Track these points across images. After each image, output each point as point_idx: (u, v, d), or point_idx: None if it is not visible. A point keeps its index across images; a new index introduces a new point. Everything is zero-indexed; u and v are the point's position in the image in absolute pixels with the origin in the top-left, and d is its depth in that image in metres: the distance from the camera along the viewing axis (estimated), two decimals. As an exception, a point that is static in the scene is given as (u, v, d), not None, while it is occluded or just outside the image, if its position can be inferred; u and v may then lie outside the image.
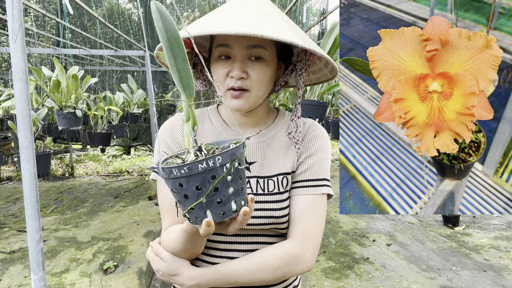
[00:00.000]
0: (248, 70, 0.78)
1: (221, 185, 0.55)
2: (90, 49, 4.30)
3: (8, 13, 1.52)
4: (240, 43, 0.77)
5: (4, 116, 4.69)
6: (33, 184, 1.62)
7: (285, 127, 0.93)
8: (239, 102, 0.80)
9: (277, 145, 0.90)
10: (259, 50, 0.78)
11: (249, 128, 0.91)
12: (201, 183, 0.54)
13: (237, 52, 0.78)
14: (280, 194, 0.86)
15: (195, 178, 0.53)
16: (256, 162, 0.88)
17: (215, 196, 0.55)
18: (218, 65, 0.80)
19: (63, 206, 5.07)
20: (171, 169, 0.53)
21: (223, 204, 0.57)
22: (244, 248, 0.86)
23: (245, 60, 0.78)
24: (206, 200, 0.55)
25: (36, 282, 1.69)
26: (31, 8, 2.77)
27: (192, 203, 0.56)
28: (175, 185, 0.55)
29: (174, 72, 0.56)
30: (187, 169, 0.53)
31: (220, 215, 0.57)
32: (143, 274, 3.15)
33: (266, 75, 0.80)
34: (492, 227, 4.20)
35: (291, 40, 0.68)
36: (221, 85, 0.81)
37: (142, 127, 8.20)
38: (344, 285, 2.98)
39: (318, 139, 0.90)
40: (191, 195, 0.55)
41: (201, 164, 0.52)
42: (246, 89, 0.79)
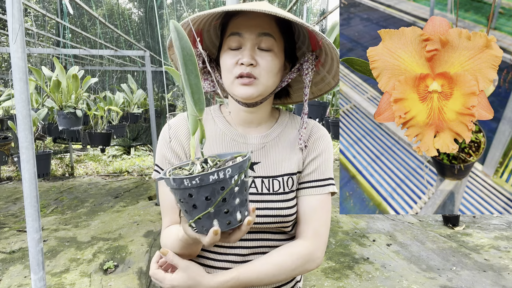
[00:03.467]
0: (257, 58, 0.81)
1: (229, 196, 0.57)
2: (90, 49, 4.30)
3: (8, 13, 1.52)
4: (251, 31, 0.80)
5: (4, 116, 4.69)
6: (33, 184, 1.62)
7: (288, 127, 0.94)
8: (248, 89, 0.81)
9: (282, 145, 0.91)
10: (269, 39, 0.81)
11: (253, 127, 0.91)
12: (211, 193, 0.56)
13: (248, 40, 0.80)
14: (286, 194, 0.86)
15: (205, 189, 0.55)
16: (261, 162, 0.88)
17: (223, 206, 0.57)
18: (228, 55, 0.82)
19: (63, 206, 5.07)
20: (182, 180, 0.55)
21: (229, 214, 0.59)
22: (250, 245, 0.87)
23: (254, 49, 0.81)
24: (214, 210, 0.57)
25: (36, 282, 1.69)
26: (31, 8, 2.77)
27: (200, 213, 0.57)
28: (185, 195, 0.57)
29: (187, 87, 0.59)
30: (199, 180, 0.55)
31: (227, 224, 0.59)
32: (143, 274, 3.15)
33: (275, 66, 0.82)
34: (492, 227, 4.20)
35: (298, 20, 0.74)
36: (229, 75, 0.82)
37: (142, 127, 8.19)
38: (344, 285, 2.98)
39: (323, 140, 0.92)
40: (200, 205, 0.57)
41: (212, 175, 0.55)
42: (255, 76, 0.80)
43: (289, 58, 0.90)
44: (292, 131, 0.93)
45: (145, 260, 3.39)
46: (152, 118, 4.82)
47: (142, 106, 5.82)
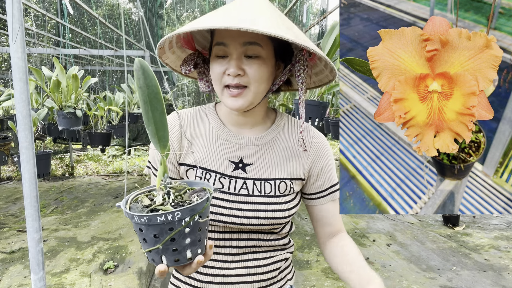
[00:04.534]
0: (244, 67, 0.78)
1: (178, 236, 0.58)
2: (90, 49, 4.30)
3: (8, 13, 1.52)
4: (236, 41, 0.77)
5: (4, 116, 4.69)
6: (33, 184, 1.62)
7: (284, 130, 0.93)
8: (237, 101, 0.80)
9: (277, 149, 0.90)
10: (255, 47, 0.78)
11: (247, 128, 0.91)
12: (159, 232, 0.57)
13: (233, 50, 0.78)
14: (278, 197, 0.87)
15: (153, 228, 0.57)
16: (253, 164, 0.88)
17: (171, 245, 0.58)
18: (215, 63, 0.81)
19: (63, 206, 5.07)
20: (133, 215, 0.57)
21: (178, 253, 0.59)
22: (241, 245, 0.88)
23: (241, 58, 0.78)
24: (162, 247, 0.58)
25: (36, 282, 1.69)
26: (31, 8, 2.77)
27: (149, 247, 0.59)
28: (136, 228, 0.59)
29: (151, 124, 0.59)
30: (147, 219, 0.56)
31: (174, 261, 0.60)
32: (143, 274, 3.15)
33: (264, 73, 0.80)
34: (492, 227, 4.20)
35: (281, 34, 0.67)
36: (218, 83, 0.81)
37: (142, 127, 8.19)
38: (344, 285, 2.98)
39: (325, 147, 0.95)
40: (149, 241, 0.58)
41: (160, 217, 0.56)
42: (244, 85, 0.79)
43: (281, 57, 0.86)
44: (288, 135, 0.93)
45: (145, 260, 3.39)
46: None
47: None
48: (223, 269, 0.88)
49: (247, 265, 0.89)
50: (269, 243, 0.91)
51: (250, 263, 0.89)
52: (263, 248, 0.91)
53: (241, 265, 0.89)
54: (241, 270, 0.88)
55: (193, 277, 0.90)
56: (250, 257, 0.89)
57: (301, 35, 0.77)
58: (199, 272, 0.89)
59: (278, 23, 0.72)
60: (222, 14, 0.73)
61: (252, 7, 0.75)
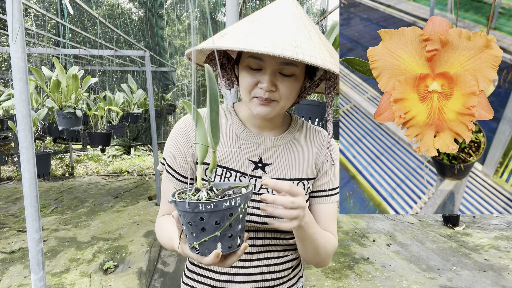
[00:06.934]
0: (277, 83, 0.78)
1: (234, 222, 0.63)
2: (90, 49, 4.30)
3: (8, 13, 1.52)
4: (274, 59, 0.76)
5: (4, 116, 4.69)
6: (33, 184, 1.62)
7: (300, 132, 0.96)
8: (266, 109, 0.80)
9: (294, 150, 0.92)
10: (291, 67, 0.77)
11: (267, 130, 0.92)
12: (221, 218, 0.62)
13: (269, 66, 0.77)
14: None
15: (217, 214, 0.61)
16: (272, 164, 0.90)
17: (228, 231, 0.63)
18: (247, 73, 0.79)
19: (63, 206, 5.07)
20: (198, 204, 0.60)
21: (232, 239, 0.64)
22: (258, 243, 0.90)
23: (276, 74, 0.78)
24: (220, 234, 0.63)
25: (36, 282, 1.69)
26: (31, 8, 2.77)
27: (207, 236, 0.62)
28: (196, 218, 0.61)
29: (208, 122, 0.64)
30: (213, 206, 0.60)
31: (228, 248, 0.65)
32: (143, 274, 3.15)
33: (295, 89, 0.81)
34: (492, 227, 4.20)
35: (328, 67, 0.68)
36: (247, 92, 0.81)
37: (142, 127, 8.19)
38: (344, 285, 2.98)
39: (335, 150, 0.96)
40: (209, 229, 0.62)
41: (225, 203, 0.61)
42: (274, 99, 0.80)
43: (311, 74, 0.88)
44: (303, 137, 0.95)
45: (145, 260, 3.39)
46: (152, 118, 4.83)
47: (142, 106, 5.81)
48: (241, 268, 0.89)
49: (264, 263, 0.91)
50: (285, 242, 0.93)
51: (267, 261, 0.91)
52: (278, 247, 0.93)
53: (258, 263, 0.90)
54: (258, 269, 0.90)
55: (210, 276, 0.91)
56: (267, 256, 0.91)
57: (335, 55, 0.77)
58: (216, 272, 0.90)
59: (321, 49, 0.72)
60: (263, 33, 0.70)
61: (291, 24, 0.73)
